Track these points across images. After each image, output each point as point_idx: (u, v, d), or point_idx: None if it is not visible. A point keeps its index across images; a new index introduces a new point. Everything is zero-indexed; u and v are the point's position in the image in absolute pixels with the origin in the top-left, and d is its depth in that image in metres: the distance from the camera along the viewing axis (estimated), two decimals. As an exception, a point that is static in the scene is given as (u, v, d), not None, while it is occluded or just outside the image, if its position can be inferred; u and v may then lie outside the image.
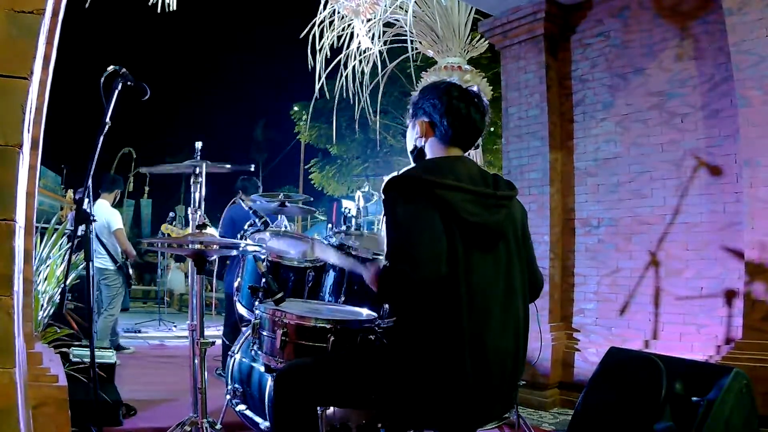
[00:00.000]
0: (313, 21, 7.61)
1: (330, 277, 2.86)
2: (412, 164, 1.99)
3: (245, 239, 2.97)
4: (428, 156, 1.94)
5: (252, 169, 3.18)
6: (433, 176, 1.72)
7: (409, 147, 2.02)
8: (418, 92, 2.01)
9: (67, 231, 3.60)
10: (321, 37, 7.63)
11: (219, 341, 5.32)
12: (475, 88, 1.92)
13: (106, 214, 5.66)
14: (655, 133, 4.04)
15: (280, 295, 2.24)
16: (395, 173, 1.82)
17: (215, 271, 5.68)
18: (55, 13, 2.33)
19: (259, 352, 2.28)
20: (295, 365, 1.89)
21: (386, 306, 2.59)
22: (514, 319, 1.78)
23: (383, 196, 1.77)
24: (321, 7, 7.48)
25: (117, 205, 6.05)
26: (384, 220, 1.82)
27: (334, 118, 9.11)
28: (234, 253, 2.63)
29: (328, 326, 2.10)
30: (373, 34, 7.49)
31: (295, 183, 24.14)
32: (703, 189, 3.79)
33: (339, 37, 7.68)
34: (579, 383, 3.97)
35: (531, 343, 1.84)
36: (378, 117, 8.54)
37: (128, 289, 6.28)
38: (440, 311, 1.67)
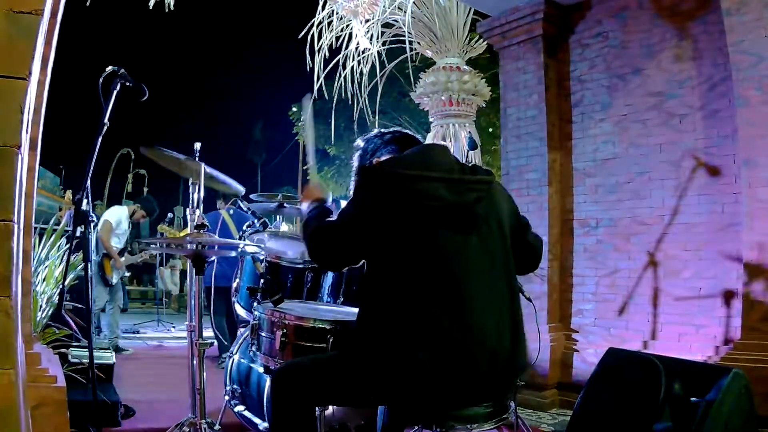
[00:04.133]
0: (312, 21, 7.62)
1: (328, 278, 2.86)
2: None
3: (244, 240, 2.98)
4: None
5: (243, 193, 3.12)
6: (403, 169, 1.77)
7: None
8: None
9: (66, 231, 3.60)
10: (320, 37, 7.64)
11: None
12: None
13: (107, 213, 5.69)
14: (653, 133, 4.05)
15: (278, 296, 2.24)
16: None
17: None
18: (53, 14, 2.34)
19: (258, 353, 2.28)
20: (292, 364, 1.89)
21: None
22: (499, 300, 1.76)
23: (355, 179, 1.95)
24: (320, 7, 7.49)
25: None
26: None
27: (333, 118, 9.11)
28: (233, 253, 2.62)
29: (327, 327, 2.10)
30: (372, 35, 7.50)
31: (294, 183, 24.13)
32: (702, 189, 3.79)
33: (337, 38, 7.70)
34: (577, 384, 3.97)
35: (529, 343, 1.81)
36: (376, 117, 8.54)
37: (125, 289, 6.28)
38: (416, 293, 1.68)
